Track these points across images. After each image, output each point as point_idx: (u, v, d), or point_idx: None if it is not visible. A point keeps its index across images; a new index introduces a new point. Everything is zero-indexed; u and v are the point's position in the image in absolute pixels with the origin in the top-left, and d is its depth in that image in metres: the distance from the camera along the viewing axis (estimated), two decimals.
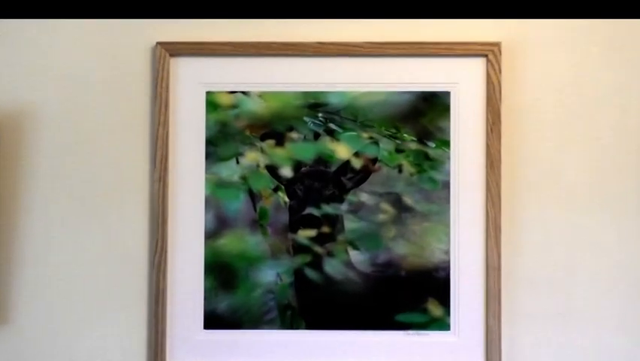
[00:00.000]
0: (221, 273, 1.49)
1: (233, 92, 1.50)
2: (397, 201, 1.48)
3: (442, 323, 1.48)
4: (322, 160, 1.50)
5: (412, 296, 1.48)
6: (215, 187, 1.50)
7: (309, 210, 1.48)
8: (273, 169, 1.50)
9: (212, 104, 1.51)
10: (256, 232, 1.49)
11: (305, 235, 1.49)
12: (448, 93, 1.50)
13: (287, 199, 1.49)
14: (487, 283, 1.48)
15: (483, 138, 1.49)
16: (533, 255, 1.51)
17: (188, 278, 1.49)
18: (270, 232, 1.49)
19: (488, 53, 1.49)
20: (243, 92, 1.50)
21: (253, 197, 1.49)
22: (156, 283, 1.48)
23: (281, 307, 1.49)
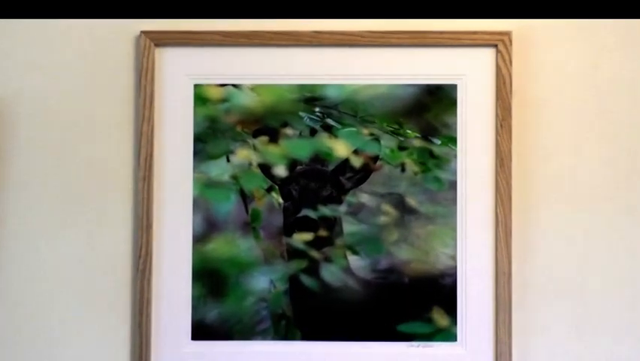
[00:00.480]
0: (210, 280, 1.46)
1: (223, 84, 1.48)
2: (400, 203, 1.46)
3: (448, 334, 1.46)
4: (319, 158, 1.47)
5: (415, 305, 1.46)
6: (204, 187, 1.47)
7: (305, 212, 1.46)
8: (266, 168, 1.47)
9: (200, 97, 1.48)
10: (248, 235, 1.46)
11: (300, 238, 1.46)
12: (454, 86, 1.47)
13: (281, 200, 1.47)
14: (497, 291, 1.45)
15: (492, 134, 1.46)
16: (546, 260, 1.47)
17: (175, 286, 1.47)
18: (262, 236, 1.47)
19: (498, 42, 1.46)
20: (234, 84, 1.48)
21: (245, 198, 1.47)
22: (140, 291, 1.45)
23: (275, 317, 1.46)
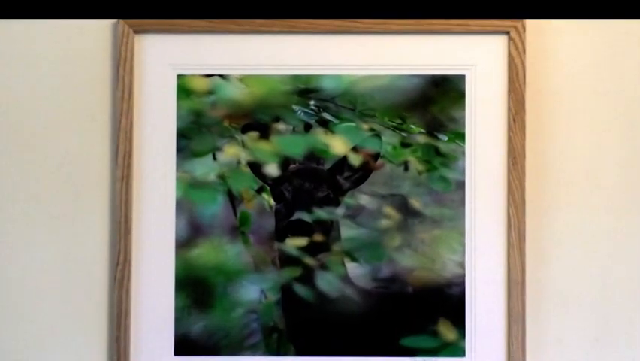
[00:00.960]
0: (194, 290, 1.43)
1: (209, 75, 1.45)
2: (403, 205, 1.43)
3: (455, 349, 1.42)
4: (314, 156, 1.45)
5: (420, 317, 1.43)
6: (188, 188, 1.44)
7: (299, 214, 1.43)
8: (256, 167, 1.44)
9: (184, 89, 1.45)
10: (236, 240, 1.44)
11: (294, 244, 1.43)
12: (463, 77, 1.44)
13: (273, 202, 1.44)
14: (509, 302, 1.41)
15: (504, 129, 1.43)
16: (563, 268, 1.44)
17: (156, 296, 1.43)
18: (252, 241, 1.44)
19: (510, 29, 1.42)
20: (221, 75, 1.45)
21: (233, 199, 1.44)
22: (118, 302, 1.41)
23: (266, 330, 1.43)
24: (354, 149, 1.43)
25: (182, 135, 1.44)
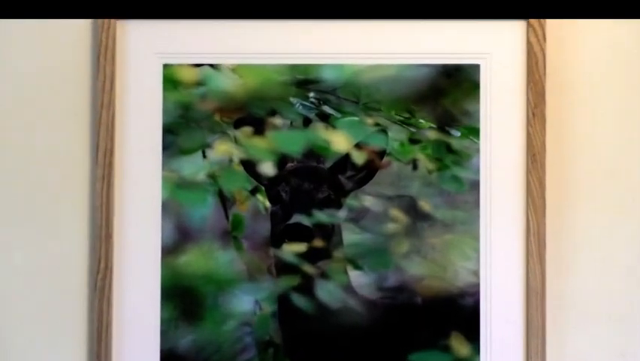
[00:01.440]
0: (182, 300, 1.42)
1: (198, 64, 1.43)
2: (411, 207, 1.42)
3: None
4: (314, 153, 1.43)
5: (430, 330, 1.42)
6: (176, 189, 1.43)
7: (297, 218, 1.42)
8: (250, 165, 1.43)
9: (171, 80, 1.43)
10: (228, 246, 1.42)
11: (291, 250, 1.42)
12: (477, 67, 1.42)
13: (268, 204, 1.43)
14: (528, 314, 1.39)
15: (523, 124, 1.41)
16: (587, 277, 1.42)
17: (140, 307, 1.42)
18: (246, 247, 1.43)
19: None
20: (211, 64, 1.43)
21: (224, 201, 1.43)
22: (99, 314, 1.40)
23: (260, 345, 1.42)
24: (358, 146, 1.42)
25: (169, 131, 1.43)
